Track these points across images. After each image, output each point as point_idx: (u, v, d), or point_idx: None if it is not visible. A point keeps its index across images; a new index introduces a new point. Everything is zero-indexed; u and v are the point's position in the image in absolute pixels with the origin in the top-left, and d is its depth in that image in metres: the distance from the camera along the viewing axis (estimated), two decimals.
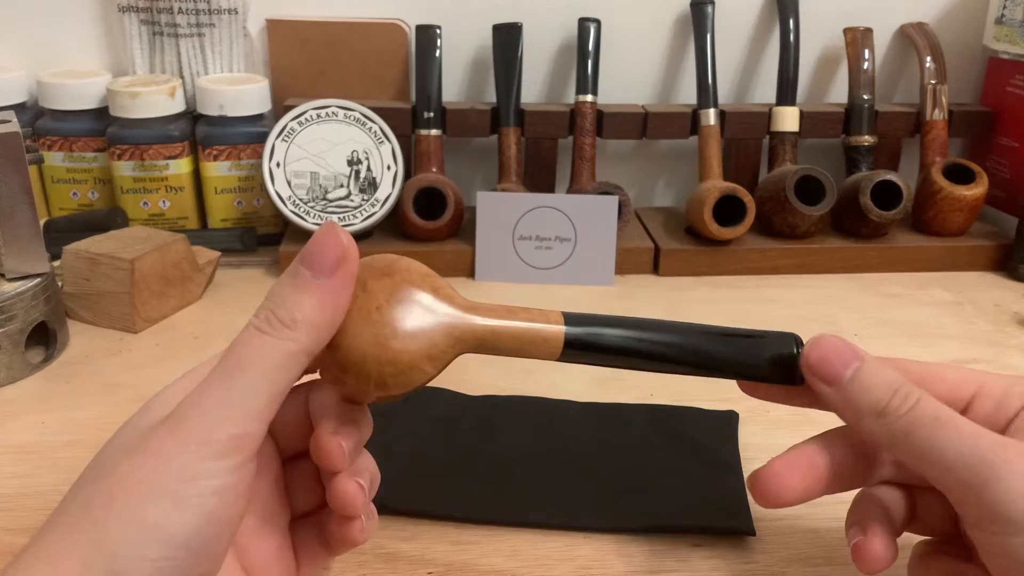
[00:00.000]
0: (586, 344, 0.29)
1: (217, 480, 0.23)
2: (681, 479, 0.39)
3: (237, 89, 0.65)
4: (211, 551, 0.24)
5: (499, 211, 0.63)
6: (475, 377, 0.47)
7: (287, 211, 0.63)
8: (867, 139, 0.71)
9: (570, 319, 0.29)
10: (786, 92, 0.71)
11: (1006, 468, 0.25)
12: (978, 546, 0.27)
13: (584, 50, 0.69)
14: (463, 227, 0.67)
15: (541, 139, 0.70)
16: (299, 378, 0.26)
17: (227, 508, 0.24)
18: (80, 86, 0.66)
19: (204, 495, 0.23)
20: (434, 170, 0.68)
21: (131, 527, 0.22)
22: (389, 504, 0.37)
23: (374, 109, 0.65)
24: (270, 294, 0.26)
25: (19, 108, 0.67)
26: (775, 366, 0.30)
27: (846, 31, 0.73)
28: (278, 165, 0.63)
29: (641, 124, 0.70)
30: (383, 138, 0.65)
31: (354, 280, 0.26)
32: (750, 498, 0.38)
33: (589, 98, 0.69)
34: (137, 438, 0.24)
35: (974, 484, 0.25)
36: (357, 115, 0.64)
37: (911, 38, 0.74)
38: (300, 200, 0.63)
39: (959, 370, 0.30)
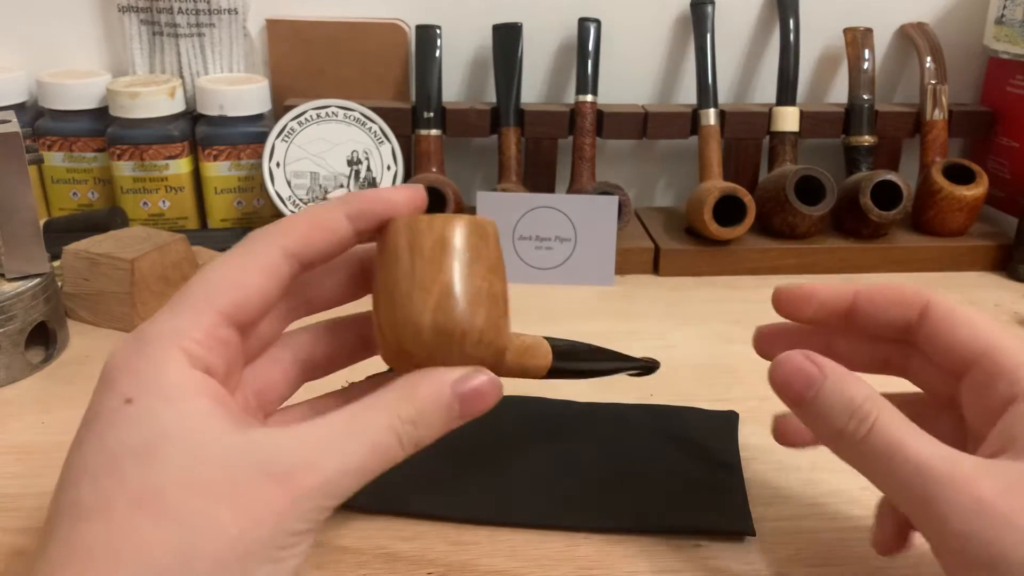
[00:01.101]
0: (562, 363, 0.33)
1: (309, 541, 0.25)
2: (681, 479, 0.39)
3: (237, 89, 0.65)
4: None
5: (499, 211, 0.63)
6: None
7: (287, 211, 0.63)
8: (867, 139, 0.71)
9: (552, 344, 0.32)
10: (786, 92, 0.71)
11: (951, 506, 0.25)
12: (943, 567, 0.27)
13: (584, 50, 0.69)
14: None
15: (541, 139, 0.70)
16: None
17: (302, 559, 0.25)
18: (80, 86, 0.66)
19: (298, 557, 0.24)
20: (434, 170, 0.68)
21: None
22: (389, 504, 0.37)
23: (374, 109, 0.65)
24: (424, 411, 0.26)
25: (19, 108, 0.67)
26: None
27: (846, 31, 0.73)
28: (278, 165, 0.63)
29: (641, 124, 0.70)
30: (383, 138, 0.65)
31: None
32: (750, 498, 0.38)
33: (589, 98, 0.69)
34: (221, 474, 0.23)
35: (926, 523, 0.26)
36: (357, 115, 0.64)
37: (911, 38, 0.74)
38: (300, 200, 0.63)
39: (975, 327, 0.29)
